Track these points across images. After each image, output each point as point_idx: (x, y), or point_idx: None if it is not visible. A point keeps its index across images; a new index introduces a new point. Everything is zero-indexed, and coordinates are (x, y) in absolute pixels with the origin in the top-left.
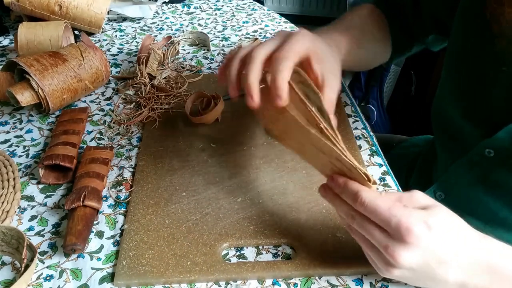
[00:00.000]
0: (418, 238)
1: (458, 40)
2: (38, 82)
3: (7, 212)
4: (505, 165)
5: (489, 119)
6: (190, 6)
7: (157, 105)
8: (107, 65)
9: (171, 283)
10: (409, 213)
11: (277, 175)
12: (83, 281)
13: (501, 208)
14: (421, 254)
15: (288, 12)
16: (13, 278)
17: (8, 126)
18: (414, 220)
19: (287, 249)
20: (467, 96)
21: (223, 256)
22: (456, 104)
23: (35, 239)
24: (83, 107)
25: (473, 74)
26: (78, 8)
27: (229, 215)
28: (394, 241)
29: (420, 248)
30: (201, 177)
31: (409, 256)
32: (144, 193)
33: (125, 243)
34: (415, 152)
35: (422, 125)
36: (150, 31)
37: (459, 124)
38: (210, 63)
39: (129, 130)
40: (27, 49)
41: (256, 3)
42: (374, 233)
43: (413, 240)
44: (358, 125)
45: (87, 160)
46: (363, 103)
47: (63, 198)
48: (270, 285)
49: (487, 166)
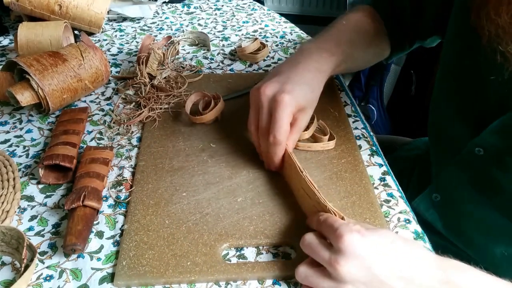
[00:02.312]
0: (350, 244)
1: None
2: (38, 82)
3: (7, 212)
4: (495, 163)
5: (481, 118)
6: (190, 6)
7: (157, 105)
8: (107, 65)
9: (171, 283)
10: (348, 226)
11: (277, 175)
12: (83, 281)
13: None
14: (355, 262)
15: (288, 12)
16: (13, 278)
17: (8, 126)
18: (348, 230)
19: (287, 249)
20: (460, 95)
21: (223, 256)
22: (449, 103)
23: (35, 239)
24: (83, 107)
25: (466, 75)
26: (78, 8)
27: (229, 215)
28: (334, 252)
29: (355, 255)
30: (201, 177)
31: (347, 266)
32: (144, 193)
33: (125, 243)
34: (416, 154)
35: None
36: (150, 31)
37: (452, 124)
38: (210, 63)
39: (129, 130)
40: (27, 49)
41: (256, 3)
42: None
43: (346, 246)
44: (358, 125)
45: (87, 160)
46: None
47: (63, 198)
48: (270, 285)
49: (478, 165)
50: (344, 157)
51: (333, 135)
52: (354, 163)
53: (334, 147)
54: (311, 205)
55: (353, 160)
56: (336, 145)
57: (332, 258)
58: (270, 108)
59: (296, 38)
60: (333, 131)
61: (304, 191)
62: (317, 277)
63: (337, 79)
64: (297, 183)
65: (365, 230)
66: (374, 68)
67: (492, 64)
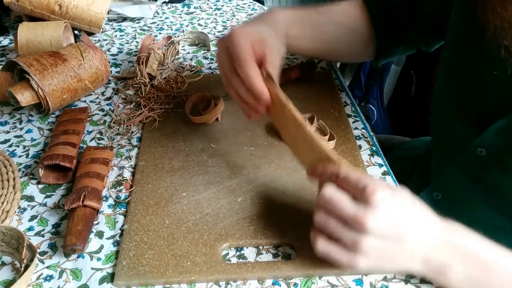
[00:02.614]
0: (382, 200)
1: (452, 42)
2: (38, 82)
3: (7, 212)
4: (496, 164)
5: (481, 118)
6: (190, 6)
7: (157, 105)
8: (107, 65)
9: (171, 283)
10: (375, 181)
11: (277, 175)
12: (83, 281)
13: (493, 209)
14: (386, 218)
15: None
16: (13, 278)
17: (8, 126)
18: (379, 186)
19: (287, 249)
20: (460, 95)
21: (223, 256)
22: (450, 103)
23: (35, 239)
24: (83, 107)
25: (466, 75)
26: (78, 8)
27: (229, 215)
28: (361, 205)
29: (384, 210)
30: (201, 177)
31: (374, 219)
32: (144, 193)
33: (125, 243)
34: (416, 153)
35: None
36: (150, 31)
37: (452, 124)
38: (210, 63)
39: (129, 130)
40: (27, 49)
41: (256, 3)
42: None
43: (378, 201)
44: (358, 125)
45: (87, 160)
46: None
47: (63, 198)
48: (270, 285)
49: (479, 166)
50: (344, 157)
51: (333, 135)
52: (354, 163)
53: (334, 147)
54: (312, 156)
55: (353, 160)
56: (336, 145)
57: (360, 212)
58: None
59: None
60: (333, 131)
61: (306, 143)
62: (336, 225)
63: (337, 79)
64: (295, 136)
65: (394, 190)
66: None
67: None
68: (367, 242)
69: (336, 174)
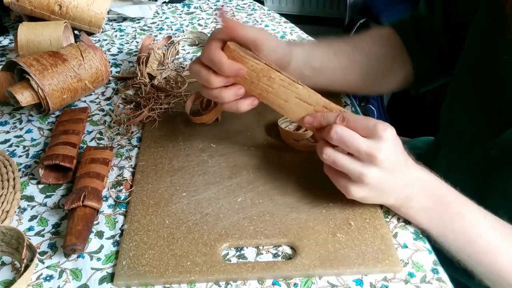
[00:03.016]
0: (392, 136)
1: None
2: (38, 82)
3: (7, 212)
4: (506, 165)
5: (499, 120)
6: (190, 6)
7: (157, 105)
8: (107, 65)
9: (171, 283)
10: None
11: (277, 175)
12: (83, 281)
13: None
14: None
15: (288, 12)
16: (13, 278)
17: (8, 126)
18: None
19: (287, 249)
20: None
21: (223, 256)
22: (463, 106)
23: (35, 239)
24: (83, 107)
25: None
26: (78, 8)
27: (229, 215)
28: (374, 139)
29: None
30: (201, 177)
31: (386, 152)
32: (144, 193)
33: (125, 243)
34: (416, 154)
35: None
36: (150, 31)
37: (465, 126)
38: None
39: (129, 130)
40: (27, 49)
41: (256, 3)
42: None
43: (389, 136)
44: None
45: (87, 160)
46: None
47: (63, 198)
48: (270, 285)
49: (490, 169)
50: None
51: None
52: None
53: None
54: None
55: None
56: None
57: (374, 145)
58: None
59: (296, 38)
60: None
61: (300, 98)
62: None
63: None
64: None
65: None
66: None
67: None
68: (373, 174)
69: (342, 117)
